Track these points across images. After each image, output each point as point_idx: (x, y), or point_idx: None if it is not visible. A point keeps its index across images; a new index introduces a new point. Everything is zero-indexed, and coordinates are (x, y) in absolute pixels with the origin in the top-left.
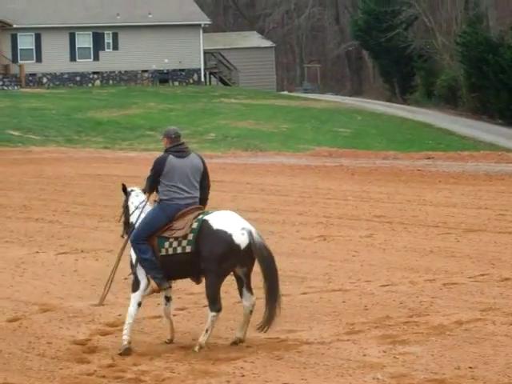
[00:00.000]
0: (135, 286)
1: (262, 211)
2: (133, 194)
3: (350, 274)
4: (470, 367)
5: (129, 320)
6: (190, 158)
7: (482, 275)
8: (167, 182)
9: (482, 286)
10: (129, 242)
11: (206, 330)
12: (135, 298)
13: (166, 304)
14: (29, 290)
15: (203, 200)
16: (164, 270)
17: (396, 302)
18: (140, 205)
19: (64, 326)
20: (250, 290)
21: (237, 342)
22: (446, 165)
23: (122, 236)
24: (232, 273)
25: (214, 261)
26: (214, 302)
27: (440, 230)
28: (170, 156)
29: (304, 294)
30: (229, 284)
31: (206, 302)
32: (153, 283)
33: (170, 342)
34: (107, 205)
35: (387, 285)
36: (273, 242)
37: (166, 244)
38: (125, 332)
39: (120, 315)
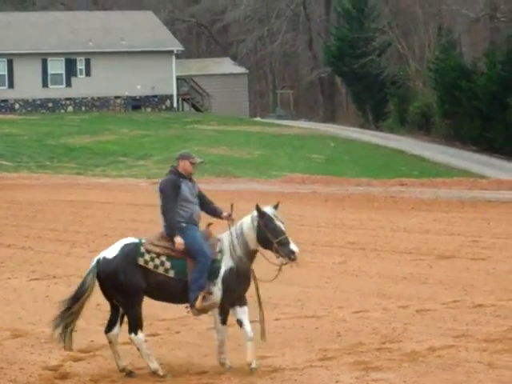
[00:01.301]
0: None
1: None
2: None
3: (322, 301)
4: None
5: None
6: None
7: (455, 301)
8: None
9: (454, 313)
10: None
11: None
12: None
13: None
14: (0, 315)
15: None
16: None
17: (369, 329)
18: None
19: (36, 352)
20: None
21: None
22: (419, 191)
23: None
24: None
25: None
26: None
27: (413, 256)
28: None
29: (277, 320)
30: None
31: (177, 328)
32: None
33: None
34: (79, 231)
35: (360, 311)
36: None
37: None
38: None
39: (92, 341)
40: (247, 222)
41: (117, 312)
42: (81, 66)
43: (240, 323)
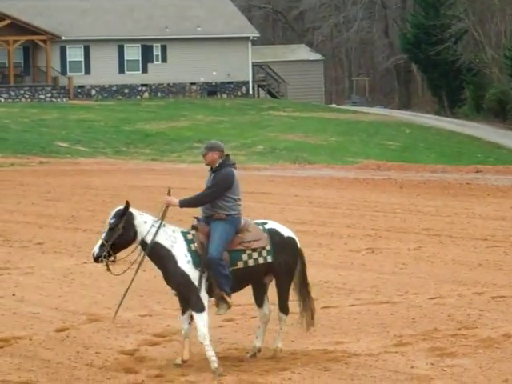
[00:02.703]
0: (200, 305)
1: (309, 223)
2: (136, 213)
3: (397, 287)
4: None
5: (206, 342)
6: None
7: None
8: (234, 196)
9: None
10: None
11: (279, 334)
12: (203, 318)
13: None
14: (77, 300)
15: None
16: (233, 284)
17: (444, 315)
18: (155, 222)
19: (112, 336)
20: (267, 297)
21: (256, 354)
22: (494, 178)
23: (107, 259)
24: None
25: (290, 266)
26: (287, 307)
27: (488, 243)
28: (234, 170)
29: (352, 306)
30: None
31: (253, 313)
32: (229, 299)
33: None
34: (156, 215)
35: (435, 297)
36: (321, 255)
37: (244, 256)
38: (210, 355)
39: (168, 325)
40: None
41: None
42: (157, 52)
43: None
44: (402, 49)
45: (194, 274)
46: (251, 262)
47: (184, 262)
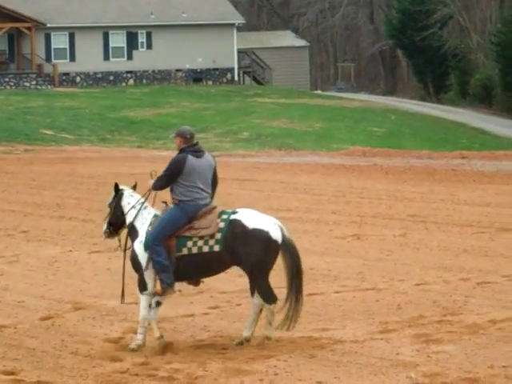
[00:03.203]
0: (142, 286)
1: (295, 210)
2: (126, 193)
3: (383, 273)
4: (504, 366)
5: (142, 324)
6: (205, 158)
7: None
8: (187, 182)
9: None
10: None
11: (270, 323)
12: (144, 299)
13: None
14: (62, 288)
15: (211, 196)
16: (180, 270)
17: (429, 301)
18: (137, 204)
19: (97, 325)
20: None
21: (243, 343)
22: (480, 164)
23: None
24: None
25: (255, 258)
26: (269, 295)
27: (474, 229)
28: (190, 156)
29: (337, 292)
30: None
31: (238, 300)
32: (158, 286)
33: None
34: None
35: (421, 284)
36: (306, 241)
37: (189, 243)
38: (138, 338)
39: None
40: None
41: None
42: (142, 39)
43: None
44: (387, 35)
45: (142, 254)
46: (195, 250)
47: (138, 241)
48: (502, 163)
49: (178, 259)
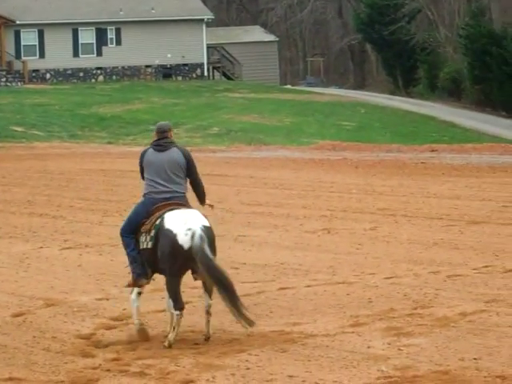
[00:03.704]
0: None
1: (265, 205)
2: None
3: (353, 267)
4: (475, 358)
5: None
6: (168, 152)
7: (486, 267)
8: (147, 175)
9: (485, 278)
10: None
11: (174, 328)
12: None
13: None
14: (33, 284)
15: (198, 196)
16: (145, 263)
17: (400, 295)
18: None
19: (69, 321)
20: (207, 291)
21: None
22: (449, 157)
23: None
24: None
25: (165, 260)
26: (176, 301)
27: (444, 222)
28: (150, 150)
29: (308, 286)
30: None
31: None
32: (130, 277)
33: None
34: (111, 200)
35: (391, 277)
36: (277, 236)
37: (142, 238)
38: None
39: (125, 309)
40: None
41: None
42: (111, 35)
43: None
44: (356, 29)
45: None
46: (143, 245)
47: None
48: (472, 156)
49: (140, 253)
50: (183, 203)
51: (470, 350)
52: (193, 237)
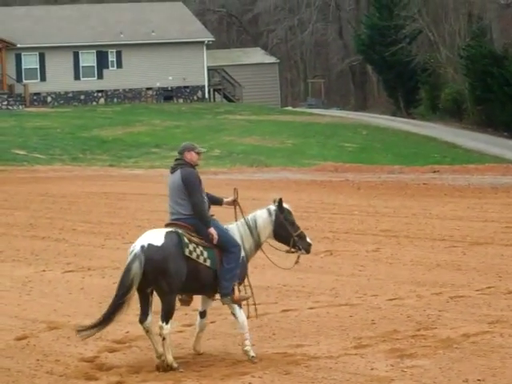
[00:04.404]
0: None
1: None
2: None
3: (356, 289)
4: (479, 380)
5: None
6: (175, 174)
7: (489, 288)
8: None
9: (489, 299)
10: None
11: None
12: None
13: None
14: (36, 308)
15: (197, 218)
16: None
17: (403, 316)
18: None
19: (72, 344)
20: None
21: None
22: (451, 178)
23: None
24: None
25: None
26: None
27: (446, 243)
28: (169, 172)
29: (311, 308)
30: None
31: (212, 318)
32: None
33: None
34: (113, 222)
35: (394, 299)
36: (278, 257)
37: None
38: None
39: (128, 332)
40: (262, 215)
41: (147, 301)
42: (112, 58)
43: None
44: (356, 50)
45: None
46: None
47: None
48: (473, 177)
49: None
50: (183, 224)
51: (473, 371)
52: (130, 255)
